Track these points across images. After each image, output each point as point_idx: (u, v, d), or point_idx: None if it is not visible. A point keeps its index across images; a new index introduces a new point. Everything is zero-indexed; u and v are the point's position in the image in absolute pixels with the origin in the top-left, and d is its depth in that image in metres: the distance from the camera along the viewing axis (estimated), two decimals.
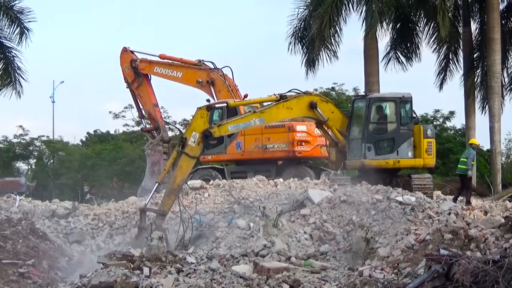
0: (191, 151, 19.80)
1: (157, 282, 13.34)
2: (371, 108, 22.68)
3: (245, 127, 21.63)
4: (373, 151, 22.44)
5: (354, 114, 22.97)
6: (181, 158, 19.75)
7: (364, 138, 22.40)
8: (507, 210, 20.52)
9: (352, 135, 22.64)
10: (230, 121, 20.95)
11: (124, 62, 30.38)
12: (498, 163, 32.41)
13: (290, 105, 21.44)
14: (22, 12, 31.96)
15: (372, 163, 22.36)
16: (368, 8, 31.49)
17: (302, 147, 26.70)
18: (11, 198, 23.79)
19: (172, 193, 19.68)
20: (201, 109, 20.33)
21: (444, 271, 10.75)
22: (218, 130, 20.42)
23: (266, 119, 21.36)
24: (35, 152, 50.45)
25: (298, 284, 13.74)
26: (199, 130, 19.89)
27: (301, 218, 19.52)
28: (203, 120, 20.18)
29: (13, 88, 32.32)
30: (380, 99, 23.29)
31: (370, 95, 23.18)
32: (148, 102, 30.41)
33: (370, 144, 22.42)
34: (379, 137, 22.76)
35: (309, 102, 21.75)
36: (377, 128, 22.88)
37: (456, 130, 44.27)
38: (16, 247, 15.96)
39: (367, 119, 22.57)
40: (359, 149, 22.38)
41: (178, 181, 19.72)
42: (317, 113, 21.85)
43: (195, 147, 19.83)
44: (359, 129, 22.71)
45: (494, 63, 32.30)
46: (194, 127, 20.01)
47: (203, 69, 28.97)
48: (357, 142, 22.50)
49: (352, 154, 22.50)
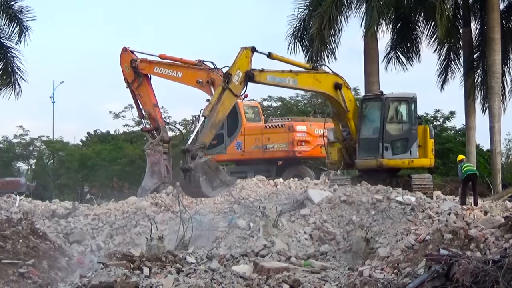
0: (234, 88, 20.08)
1: (157, 282, 13.33)
2: (388, 107, 22.73)
3: (279, 82, 21.78)
4: (390, 151, 22.52)
5: (366, 113, 23.01)
6: (225, 93, 20.05)
7: (382, 138, 22.51)
8: (507, 210, 20.50)
9: (363, 134, 22.70)
10: (270, 71, 21.21)
11: (124, 62, 30.33)
12: (498, 163, 32.41)
13: (320, 77, 21.95)
14: (21, 11, 31.88)
15: (390, 163, 22.55)
16: (367, 7, 31.49)
17: (302, 147, 26.73)
18: (11, 198, 23.78)
19: (214, 127, 20.02)
20: (246, 49, 20.56)
21: (444, 271, 10.74)
22: (259, 75, 20.69)
23: (299, 82, 21.73)
24: (35, 152, 50.47)
25: (298, 284, 13.74)
26: (243, 69, 20.22)
27: (301, 218, 19.53)
28: (247, 60, 20.44)
29: (12, 89, 32.28)
30: (396, 99, 23.29)
31: (386, 95, 23.16)
32: (148, 102, 30.36)
33: (387, 143, 22.55)
34: (395, 137, 22.91)
35: (335, 82, 22.07)
36: (393, 128, 23.00)
37: (456, 130, 44.27)
38: (16, 247, 15.95)
39: (384, 118, 22.62)
40: (375, 149, 22.49)
41: (219, 116, 20.03)
42: (340, 96, 22.06)
43: (238, 85, 20.18)
44: (373, 128, 22.78)
45: (494, 63, 32.30)
46: (239, 66, 20.27)
47: (203, 69, 28.89)
48: (371, 142, 22.59)
49: (365, 153, 22.54)
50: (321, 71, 22.48)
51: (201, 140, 19.68)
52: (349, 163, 23.22)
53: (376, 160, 22.41)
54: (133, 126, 46.86)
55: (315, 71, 22.18)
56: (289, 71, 21.58)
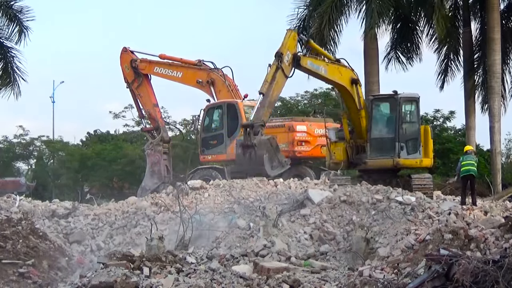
0: (285, 69, 20.39)
1: (157, 282, 13.33)
2: (402, 107, 22.78)
3: (316, 69, 22.19)
4: (405, 150, 22.62)
5: (377, 113, 23.05)
6: (278, 73, 20.40)
7: (398, 137, 22.59)
8: (507, 210, 20.49)
9: (375, 134, 22.73)
10: (312, 57, 21.88)
11: (124, 62, 30.39)
12: (498, 163, 32.41)
13: (341, 70, 22.28)
14: (21, 11, 31.91)
15: (406, 163, 22.76)
16: (367, 8, 31.48)
17: (302, 147, 26.70)
18: (11, 198, 23.77)
19: (270, 106, 20.62)
20: (293, 31, 21.06)
21: (444, 271, 10.74)
22: (303, 59, 21.22)
23: (328, 72, 22.17)
24: (35, 152, 50.47)
25: (298, 284, 13.74)
26: (292, 50, 20.63)
27: (301, 218, 19.52)
28: (294, 42, 20.90)
29: (12, 89, 32.28)
30: (408, 99, 23.35)
31: (400, 95, 23.21)
32: (148, 102, 30.41)
33: (403, 143, 22.64)
34: (408, 136, 23.04)
35: (351, 77, 22.46)
36: (407, 127, 23.10)
37: (456, 130, 44.26)
38: (16, 247, 15.95)
39: (399, 118, 22.71)
40: (390, 148, 22.59)
41: (274, 95, 20.62)
42: (355, 91, 22.30)
43: (288, 66, 20.57)
44: (387, 128, 22.85)
45: (494, 63, 32.30)
46: (288, 46, 20.60)
47: (203, 69, 28.97)
48: (386, 141, 22.71)
49: (378, 153, 22.57)
50: (341, 64, 22.76)
51: (261, 118, 19.82)
52: (355, 163, 23.22)
53: (393, 160, 22.54)
54: (133, 126, 46.91)
55: (338, 63, 22.53)
56: (323, 60, 22.00)
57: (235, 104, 27.51)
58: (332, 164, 23.56)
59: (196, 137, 33.19)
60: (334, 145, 23.49)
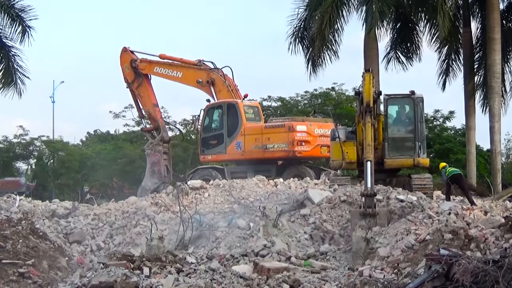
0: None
1: (157, 282, 13.33)
2: (419, 107, 22.97)
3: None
4: (423, 150, 22.98)
5: (393, 113, 23.21)
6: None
7: (417, 137, 22.82)
8: (507, 210, 20.50)
9: (393, 134, 22.77)
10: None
11: (124, 62, 30.42)
12: (498, 163, 32.40)
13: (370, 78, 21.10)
14: (23, 10, 31.86)
15: (425, 162, 22.98)
16: (368, 8, 31.46)
17: (302, 147, 26.68)
18: (11, 198, 23.79)
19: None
20: (370, 73, 20.65)
21: (444, 271, 10.73)
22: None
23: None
24: (35, 152, 50.51)
25: (298, 284, 13.74)
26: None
27: (301, 218, 19.52)
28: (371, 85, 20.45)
29: (14, 87, 32.26)
30: (421, 99, 23.36)
31: (416, 95, 23.21)
32: (148, 102, 30.45)
33: (420, 142, 22.90)
34: (423, 136, 23.38)
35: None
36: (422, 127, 23.40)
37: (456, 130, 44.29)
38: (16, 247, 15.92)
39: (417, 117, 22.91)
40: (410, 148, 22.73)
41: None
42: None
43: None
44: (406, 127, 23.03)
45: (494, 63, 32.29)
46: (370, 92, 20.22)
47: (203, 69, 29.00)
48: (405, 141, 22.82)
49: (397, 152, 22.66)
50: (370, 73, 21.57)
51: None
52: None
53: (413, 159, 22.66)
54: (133, 126, 46.98)
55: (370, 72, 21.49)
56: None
57: (235, 104, 27.53)
58: (345, 164, 23.12)
59: (196, 137, 33.26)
60: (345, 145, 23.22)
